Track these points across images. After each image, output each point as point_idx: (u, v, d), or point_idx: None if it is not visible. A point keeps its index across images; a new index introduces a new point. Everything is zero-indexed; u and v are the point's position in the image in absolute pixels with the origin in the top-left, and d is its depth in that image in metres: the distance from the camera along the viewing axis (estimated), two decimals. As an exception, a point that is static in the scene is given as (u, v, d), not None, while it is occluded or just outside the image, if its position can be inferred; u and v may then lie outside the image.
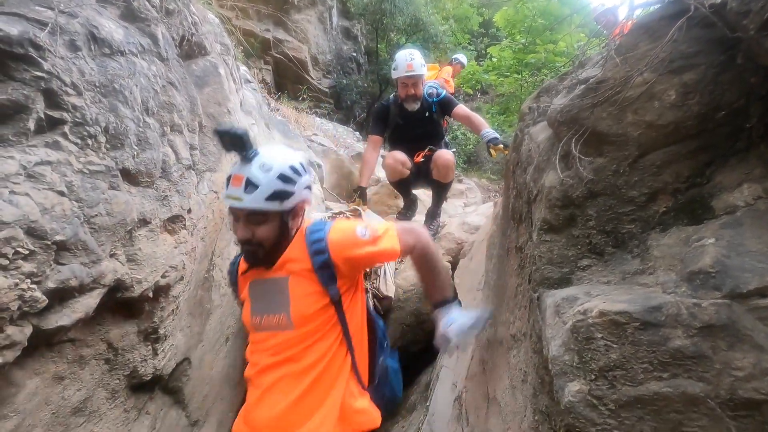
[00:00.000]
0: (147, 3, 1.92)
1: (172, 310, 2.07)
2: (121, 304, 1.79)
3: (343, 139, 6.17)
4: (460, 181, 6.15)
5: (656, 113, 0.86)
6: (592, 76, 0.99)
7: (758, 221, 0.76)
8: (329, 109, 8.56)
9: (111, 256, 1.65)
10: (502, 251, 1.82)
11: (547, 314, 0.90)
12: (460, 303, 1.96)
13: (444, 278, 1.55)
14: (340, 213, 3.34)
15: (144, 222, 1.80)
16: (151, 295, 1.88)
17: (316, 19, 8.77)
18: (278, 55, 7.91)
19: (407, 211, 3.96)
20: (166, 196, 1.93)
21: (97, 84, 1.54)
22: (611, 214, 0.94)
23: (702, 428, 0.67)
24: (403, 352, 3.30)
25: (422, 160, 3.54)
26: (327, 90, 8.77)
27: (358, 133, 7.20)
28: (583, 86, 0.96)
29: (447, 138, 3.86)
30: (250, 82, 3.84)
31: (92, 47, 1.56)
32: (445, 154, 3.44)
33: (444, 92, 3.60)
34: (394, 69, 3.44)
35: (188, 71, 2.36)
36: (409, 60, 3.31)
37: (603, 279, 0.91)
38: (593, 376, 0.74)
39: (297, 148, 4.33)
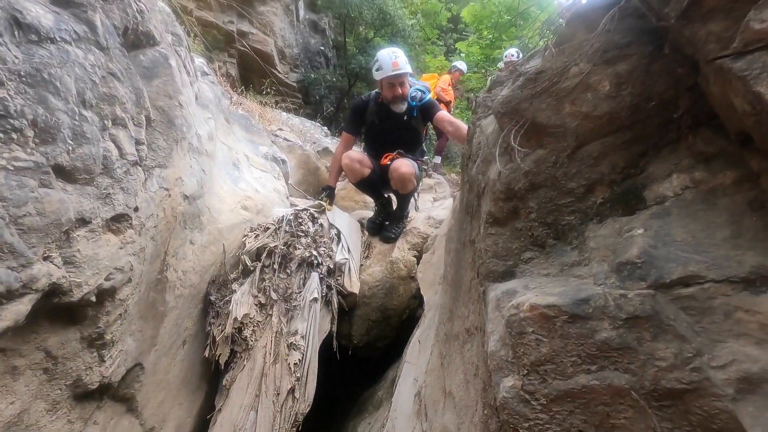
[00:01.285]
0: (82, -13, 1.79)
1: (120, 314, 1.97)
2: (61, 309, 1.69)
3: (311, 134, 6.07)
4: (429, 176, 6.17)
5: (592, 104, 0.86)
6: (533, 67, 0.98)
7: (685, 210, 0.77)
8: (297, 104, 8.41)
9: (45, 258, 1.54)
10: (459, 245, 1.81)
11: (489, 308, 0.89)
12: None
13: None
14: (304, 210, 3.27)
15: (83, 222, 1.69)
16: (93, 299, 1.78)
17: (282, 11, 8.57)
18: (243, 48, 7.69)
19: (378, 218, 3.61)
20: (109, 193, 1.82)
21: (22, 73, 1.43)
22: (552, 206, 0.94)
23: (628, 420, 0.68)
24: (370, 347, 3.28)
25: (389, 163, 3.35)
26: (294, 84, 8.60)
27: (326, 128, 7.10)
28: (523, 77, 0.95)
29: (424, 146, 3.69)
30: (207, 74, 3.69)
31: (16, 33, 1.44)
32: (402, 167, 3.19)
33: (428, 96, 3.39)
34: (377, 70, 3.22)
35: (134, 62, 2.23)
36: (394, 58, 3.11)
37: (543, 271, 0.91)
38: (525, 371, 0.73)
39: (260, 144, 4.21)
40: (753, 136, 0.67)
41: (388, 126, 3.37)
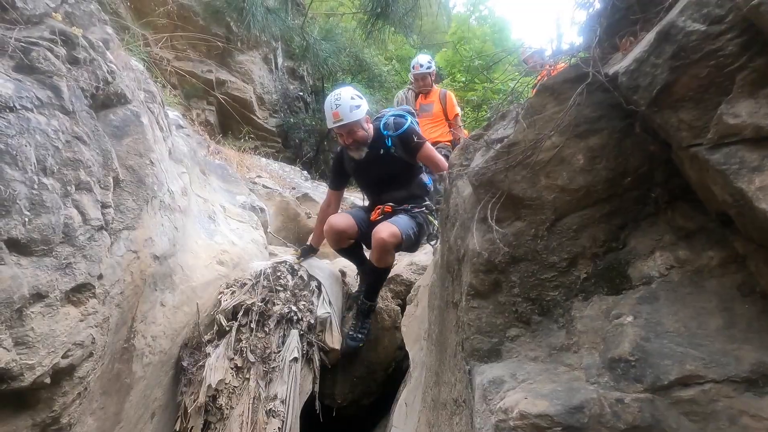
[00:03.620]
0: (48, 53, 1.76)
1: (79, 394, 1.80)
2: (9, 395, 1.53)
3: (290, 179, 6.05)
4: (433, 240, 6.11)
5: (567, 177, 0.84)
6: (506, 136, 0.96)
7: (673, 294, 0.74)
8: (276, 148, 8.45)
9: (-8, 342, 1.41)
10: (442, 303, 1.75)
11: (476, 397, 0.82)
12: None
13: None
14: (283, 262, 3.17)
15: (38, 296, 1.57)
16: (48, 380, 1.63)
17: (260, 60, 8.77)
18: (222, 96, 7.77)
19: (363, 287, 3.08)
20: (70, 263, 1.71)
21: (-26, 146, 1.36)
22: (534, 280, 0.90)
23: None
24: (355, 405, 3.11)
25: (379, 218, 2.87)
26: (274, 129, 8.68)
27: (305, 172, 7.11)
28: (497, 147, 0.93)
29: (425, 177, 3.07)
30: (182, 127, 3.66)
31: (-29, 105, 1.38)
32: (383, 231, 2.62)
33: (407, 123, 2.88)
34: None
35: (104, 122, 2.18)
36: (335, 107, 2.75)
37: (531, 353, 0.85)
38: (518, 487, 0.66)
39: (237, 193, 4.15)
40: (735, 221, 0.65)
41: (368, 167, 2.95)
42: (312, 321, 2.82)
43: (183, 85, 7.14)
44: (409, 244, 2.79)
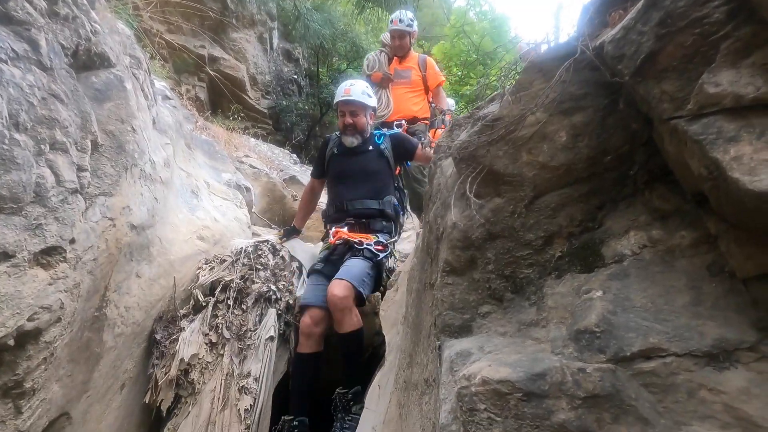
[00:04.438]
0: (26, 4, 1.68)
1: (44, 359, 1.76)
2: (-31, 355, 1.48)
3: (279, 162, 5.97)
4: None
5: (549, 154, 0.83)
6: (491, 112, 0.95)
7: (644, 272, 0.74)
8: (267, 130, 8.33)
9: (-48, 299, 1.36)
10: (420, 286, 1.74)
11: (443, 369, 0.82)
12: None
13: None
14: (265, 241, 3.14)
15: (4, 255, 1.52)
16: (11, 342, 1.58)
17: (255, 39, 8.60)
18: (214, 73, 7.61)
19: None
20: (40, 224, 1.66)
21: (-60, 92, 1.29)
22: (510, 257, 0.89)
23: None
24: (330, 389, 3.10)
25: (339, 242, 2.66)
26: (265, 110, 8.54)
27: (295, 155, 7.02)
28: (481, 123, 0.92)
29: (399, 195, 2.97)
30: (169, 98, 3.57)
31: (-62, 49, 1.31)
32: (335, 287, 2.35)
33: (400, 129, 2.93)
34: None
35: (85, 84, 2.11)
36: (348, 85, 2.88)
37: (500, 329, 0.85)
38: (477, 454, 0.65)
39: (223, 170, 4.08)
40: (709, 198, 0.64)
41: (349, 158, 2.88)
42: (291, 301, 2.80)
43: (174, 58, 6.97)
44: (367, 289, 2.52)
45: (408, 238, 4.10)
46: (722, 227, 0.67)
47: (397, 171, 3.07)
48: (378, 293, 3.20)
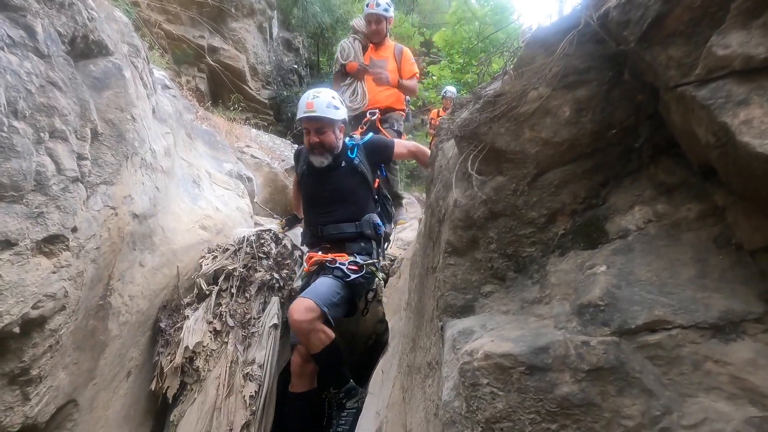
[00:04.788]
0: (22, -10, 1.66)
1: (50, 346, 1.77)
2: (-25, 343, 1.50)
3: (280, 152, 5.95)
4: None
5: (552, 130, 0.82)
6: (493, 90, 0.93)
7: (648, 246, 0.72)
8: (268, 121, 8.29)
9: (-44, 286, 1.36)
10: (423, 271, 1.74)
11: (445, 348, 0.81)
12: None
13: None
14: (267, 230, 3.14)
15: (7, 244, 1.53)
16: (17, 330, 1.59)
17: (255, 28, 8.51)
18: (214, 63, 7.55)
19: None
20: (42, 212, 1.66)
21: (-63, 79, 1.28)
22: (512, 236, 0.88)
23: (594, 487, 0.60)
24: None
25: (313, 268, 2.45)
26: (266, 101, 8.49)
27: (297, 145, 6.99)
28: (482, 100, 0.90)
29: (378, 218, 2.61)
30: (169, 88, 3.55)
31: (-67, 35, 1.30)
32: (296, 310, 2.14)
33: (371, 134, 2.65)
34: None
35: (83, 72, 2.09)
36: (310, 98, 2.43)
37: (503, 308, 0.84)
38: (480, 429, 0.65)
39: (224, 160, 4.07)
40: (717, 168, 0.63)
41: (321, 180, 2.55)
42: (294, 290, 2.80)
43: (173, 49, 6.92)
44: (336, 310, 2.26)
45: (410, 227, 4.09)
46: (730, 199, 0.65)
47: (376, 183, 2.67)
48: (382, 282, 3.18)
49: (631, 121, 0.77)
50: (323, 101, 2.43)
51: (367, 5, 3.81)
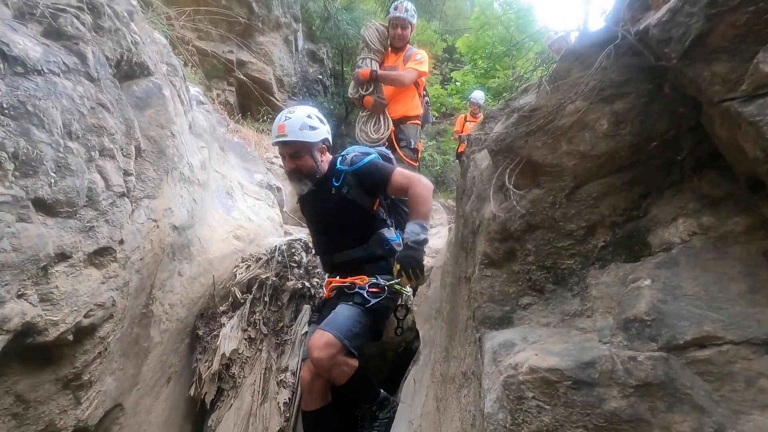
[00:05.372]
0: (75, 20, 1.79)
1: (99, 353, 1.87)
2: (34, 350, 1.60)
3: (307, 161, 6.05)
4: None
5: (590, 143, 0.82)
6: (527, 103, 0.94)
7: (694, 260, 0.72)
8: (294, 131, 8.45)
9: (19, 296, 1.47)
10: (455, 280, 1.75)
11: (485, 360, 0.82)
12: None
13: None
14: (298, 239, 3.21)
15: (63, 256, 1.63)
16: (71, 337, 1.69)
17: (281, 41, 8.75)
18: (242, 77, 7.80)
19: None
20: (93, 226, 1.77)
21: (4, 105, 1.40)
22: (550, 248, 0.88)
23: (644, 503, 0.60)
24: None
25: (332, 295, 2.29)
26: (292, 112, 8.67)
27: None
28: (517, 114, 0.91)
29: (389, 232, 2.32)
30: (203, 103, 3.69)
31: (1, 66, 1.42)
32: (315, 346, 1.99)
33: (368, 158, 2.24)
34: None
35: (127, 92, 2.22)
36: (282, 120, 2.17)
37: (543, 320, 0.84)
38: (527, 442, 0.65)
39: (255, 171, 4.19)
40: (766, 182, 0.62)
41: (313, 212, 2.39)
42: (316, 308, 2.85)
43: (204, 64, 7.19)
44: (359, 340, 2.11)
45: (438, 234, 4.09)
46: (780, 212, 0.64)
47: (375, 206, 2.32)
48: (410, 289, 3.14)
49: (672, 134, 0.77)
50: (296, 122, 2.15)
51: (395, 8, 3.71)
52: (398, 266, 2.01)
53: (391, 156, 2.55)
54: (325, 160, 2.28)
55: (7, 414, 1.52)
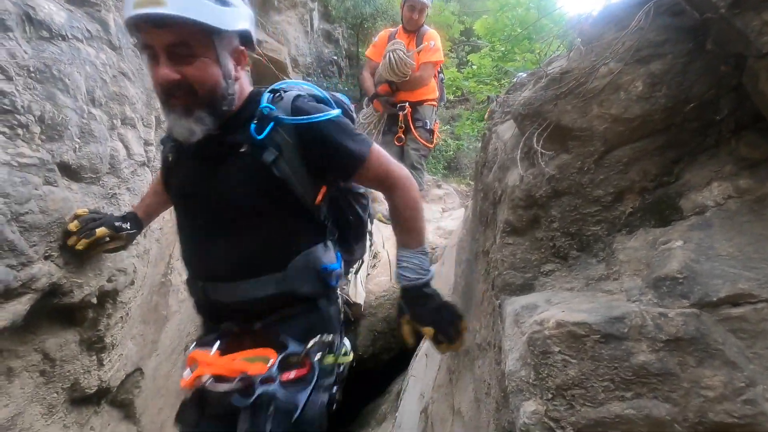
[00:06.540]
0: (97, -14, 1.79)
1: (121, 317, 1.92)
2: (60, 310, 1.65)
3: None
4: (438, 186, 6.11)
5: (622, 106, 0.80)
6: (558, 67, 0.92)
7: (729, 222, 0.70)
8: (308, 112, 8.43)
9: (46, 258, 1.50)
10: (471, 256, 1.75)
11: (506, 324, 0.82)
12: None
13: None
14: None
15: (87, 221, 1.66)
16: (94, 300, 1.74)
17: (296, 21, 8.67)
18: (257, 56, 7.77)
19: None
20: (115, 194, 1.80)
21: (31, 69, 1.41)
22: (576, 214, 0.87)
23: (668, 456, 0.60)
24: (375, 359, 3.20)
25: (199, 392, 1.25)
26: (307, 93, 8.64)
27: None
28: (547, 78, 0.89)
29: (327, 253, 1.31)
30: (220, 79, 3.69)
31: (27, 29, 1.43)
32: None
33: (327, 113, 1.19)
34: None
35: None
36: None
37: (566, 285, 0.84)
38: (550, 395, 0.66)
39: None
40: (811, 140, 0.60)
41: (203, 180, 1.28)
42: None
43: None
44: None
45: (450, 216, 4.09)
46: (823, 172, 0.62)
47: (320, 197, 1.27)
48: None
49: (712, 94, 0.75)
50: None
51: None
52: (430, 331, 1.18)
53: (354, 115, 1.49)
54: (240, 81, 1.30)
55: (36, 370, 1.58)
